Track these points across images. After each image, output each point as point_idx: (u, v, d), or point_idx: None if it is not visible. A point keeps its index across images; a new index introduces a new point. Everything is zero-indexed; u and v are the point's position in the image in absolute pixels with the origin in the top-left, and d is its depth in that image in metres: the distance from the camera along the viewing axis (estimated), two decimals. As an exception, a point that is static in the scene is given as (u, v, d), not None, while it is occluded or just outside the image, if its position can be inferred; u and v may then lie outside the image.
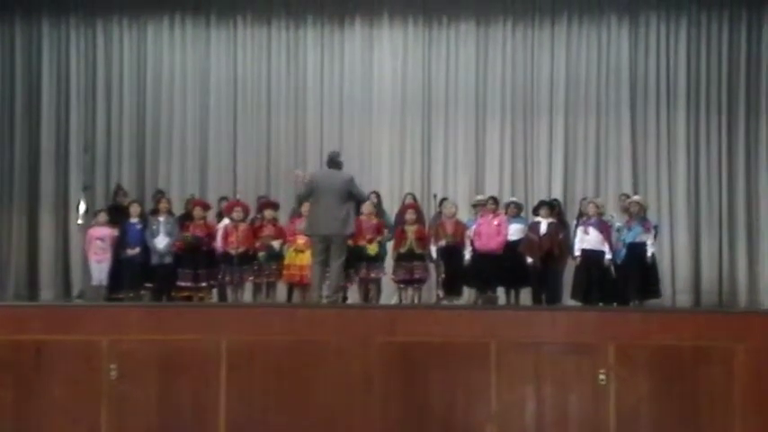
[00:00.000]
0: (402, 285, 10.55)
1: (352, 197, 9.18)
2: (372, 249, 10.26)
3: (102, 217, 10.87)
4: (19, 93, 13.26)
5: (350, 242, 9.94)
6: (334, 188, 9.00)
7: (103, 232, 10.71)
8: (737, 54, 12.97)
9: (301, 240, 9.85)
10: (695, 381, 7.62)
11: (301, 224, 9.81)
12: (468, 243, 10.52)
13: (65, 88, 13.31)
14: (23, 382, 7.86)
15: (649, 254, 10.20)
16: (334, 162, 9.26)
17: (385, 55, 13.35)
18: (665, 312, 9.54)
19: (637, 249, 10.16)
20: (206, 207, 11.01)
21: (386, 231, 10.56)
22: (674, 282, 12.62)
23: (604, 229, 10.27)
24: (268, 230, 10.48)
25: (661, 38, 13.09)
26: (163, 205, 10.82)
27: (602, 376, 7.61)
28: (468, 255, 10.50)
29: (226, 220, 10.63)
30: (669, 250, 12.69)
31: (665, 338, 7.71)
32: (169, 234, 10.51)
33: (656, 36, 13.09)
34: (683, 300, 12.49)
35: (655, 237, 10.57)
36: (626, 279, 10.16)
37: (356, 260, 10.16)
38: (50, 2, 13.37)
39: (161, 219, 10.64)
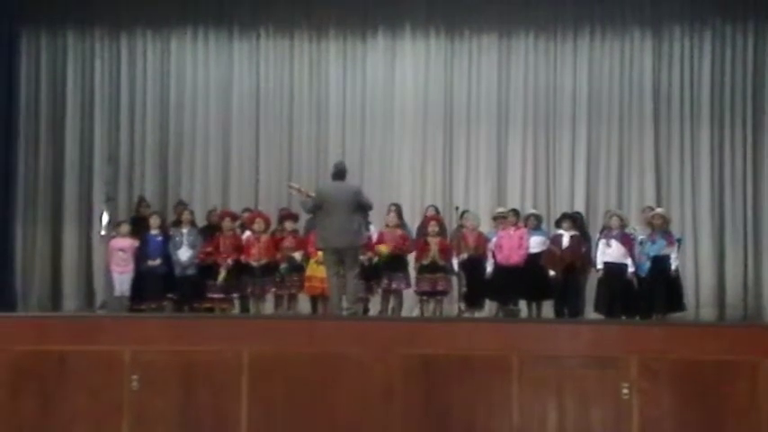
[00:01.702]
0: (425, 297, 10.56)
1: (361, 207, 9.19)
2: (384, 249, 10.25)
3: (124, 228, 10.95)
4: (44, 104, 13.35)
5: (368, 254, 10.03)
6: (344, 200, 9.00)
7: (125, 243, 10.79)
8: (762, 66, 12.83)
9: (321, 251, 9.84)
10: (719, 396, 7.55)
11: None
12: (489, 256, 10.50)
13: (89, 100, 13.40)
14: (47, 392, 7.93)
15: (673, 267, 10.15)
16: (340, 173, 9.25)
17: (407, 67, 13.36)
18: (689, 326, 9.45)
19: (660, 263, 10.10)
20: (234, 218, 11.03)
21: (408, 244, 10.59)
22: (698, 295, 12.48)
23: (627, 241, 10.22)
24: (289, 242, 10.54)
25: (685, 51, 13.01)
26: (185, 217, 10.91)
27: (625, 390, 7.56)
28: (489, 267, 10.50)
29: (248, 232, 10.66)
30: (693, 263, 12.57)
31: (689, 352, 7.65)
32: (192, 246, 10.57)
33: (680, 49, 13.01)
34: (707, 313, 12.35)
35: (678, 250, 10.49)
36: (650, 292, 10.10)
37: (376, 270, 10.19)
38: (76, 15, 13.47)
39: (184, 230, 10.73)
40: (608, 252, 10.21)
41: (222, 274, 10.42)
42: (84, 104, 13.41)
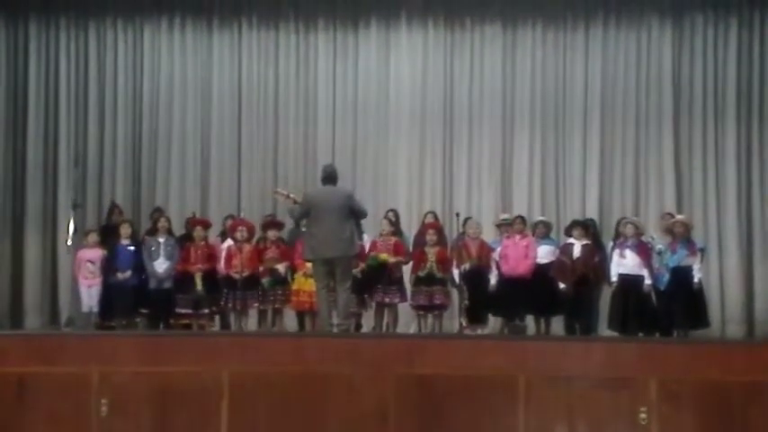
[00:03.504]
0: (421, 312, 10.59)
1: (354, 214, 9.20)
2: (383, 258, 10.28)
3: (93, 237, 10.94)
4: (2, 101, 13.29)
5: (361, 265, 10.09)
6: (334, 206, 9.01)
7: (94, 254, 10.77)
8: (793, 58, 12.93)
9: (309, 262, 9.85)
10: (748, 421, 7.59)
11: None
12: (493, 266, 10.51)
13: (53, 96, 13.38)
14: (4, 420, 7.90)
15: (696, 279, 10.15)
16: (330, 177, 9.27)
17: (403, 60, 13.39)
18: (714, 344, 9.49)
19: (682, 274, 10.12)
20: (207, 226, 11.07)
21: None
22: (724, 310, 12.51)
23: (643, 251, 10.24)
24: (272, 252, 10.52)
25: (708, 41, 13.05)
26: (162, 224, 10.87)
27: (642, 415, 7.57)
28: (493, 279, 10.51)
29: (229, 241, 10.66)
30: (718, 275, 12.59)
31: (714, 373, 7.68)
32: (169, 257, 10.56)
33: (703, 39, 13.05)
34: (734, 330, 12.37)
35: (701, 260, 10.50)
36: (670, 307, 10.10)
37: (375, 278, 10.25)
38: (39, 1, 13.46)
39: (160, 239, 10.69)
40: (622, 263, 10.22)
41: (199, 283, 10.41)
42: (47, 101, 13.39)
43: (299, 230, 10.35)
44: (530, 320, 10.88)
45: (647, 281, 10.13)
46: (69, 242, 10.93)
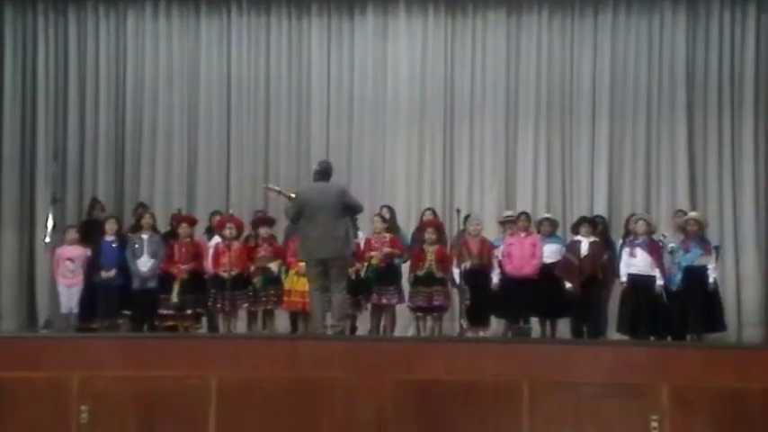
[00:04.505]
0: (420, 314, 10.59)
1: (349, 210, 9.21)
2: (375, 259, 10.31)
3: (72, 234, 10.93)
4: (-25, 91, 13.33)
5: (357, 266, 10.10)
6: (328, 203, 9.02)
7: (74, 252, 10.77)
8: (816, 46, 12.92)
9: (303, 262, 9.84)
10: (766, 430, 7.55)
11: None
12: (496, 265, 10.51)
13: (31, 85, 13.37)
14: (-21, 427, 7.89)
15: (711, 280, 10.14)
16: (324, 173, 9.28)
17: (401, 48, 13.39)
18: (730, 348, 9.47)
19: (696, 274, 10.11)
20: (193, 223, 11.07)
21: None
22: (741, 313, 12.51)
23: (654, 249, 10.23)
24: (264, 251, 10.51)
25: (725, 27, 13.04)
26: (146, 221, 10.89)
27: (654, 423, 7.57)
28: (496, 279, 10.50)
29: (217, 238, 10.65)
30: (734, 275, 12.60)
31: (731, 379, 7.68)
32: (154, 255, 10.55)
33: (719, 25, 13.03)
34: (752, 334, 12.36)
35: (716, 259, 10.49)
36: (683, 309, 10.10)
37: (366, 282, 10.27)
38: (15, -16, 13.49)
39: (144, 236, 10.70)
40: (632, 262, 10.21)
41: (176, 290, 10.40)
42: (25, 90, 13.38)
43: (294, 228, 10.34)
44: (534, 323, 10.86)
45: (659, 281, 10.12)
46: (47, 239, 10.92)
